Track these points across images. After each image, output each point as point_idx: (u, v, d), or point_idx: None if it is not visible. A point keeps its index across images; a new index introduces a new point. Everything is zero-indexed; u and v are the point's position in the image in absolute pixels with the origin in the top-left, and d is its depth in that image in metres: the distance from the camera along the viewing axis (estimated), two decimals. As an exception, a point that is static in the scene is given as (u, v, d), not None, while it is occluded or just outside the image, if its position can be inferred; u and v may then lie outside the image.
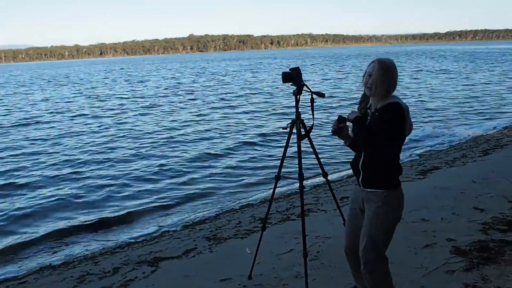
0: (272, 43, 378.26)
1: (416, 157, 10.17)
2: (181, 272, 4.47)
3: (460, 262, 3.97)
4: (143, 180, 9.63)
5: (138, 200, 8.35)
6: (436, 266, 3.93)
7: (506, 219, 4.94)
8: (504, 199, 5.64)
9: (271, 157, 11.18)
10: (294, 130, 3.56)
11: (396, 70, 2.83)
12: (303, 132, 3.54)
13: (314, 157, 3.79)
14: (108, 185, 9.33)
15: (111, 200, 8.48)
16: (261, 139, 13.48)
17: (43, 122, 18.73)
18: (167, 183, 9.28)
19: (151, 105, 23.15)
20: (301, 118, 3.54)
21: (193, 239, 5.61)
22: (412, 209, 5.36)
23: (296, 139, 3.56)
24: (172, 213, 7.62)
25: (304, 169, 3.60)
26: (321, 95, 3.41)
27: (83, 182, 9.66)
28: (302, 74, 3.48)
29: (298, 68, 3.47)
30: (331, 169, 9.02)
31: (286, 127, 3.60)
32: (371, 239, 2.86)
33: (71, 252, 6.24)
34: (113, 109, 22.27)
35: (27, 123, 18.75)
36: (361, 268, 2.94)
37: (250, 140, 13.30)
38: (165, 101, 24.87)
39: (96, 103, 25.70)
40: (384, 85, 2.77)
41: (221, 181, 9.30)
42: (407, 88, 25.67)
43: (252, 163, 10.75)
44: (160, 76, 50.90)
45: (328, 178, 3.92)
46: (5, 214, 7.91)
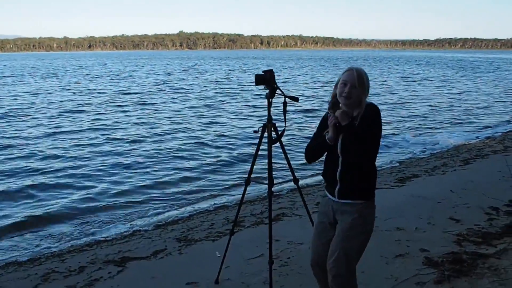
0: (262, 43, 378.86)
1: (396, 164, 10.11)
2: (148, 273, 4.37)
3: (432, 274, 3.89)
4: (117, 178, 9.40)
5: (111, 198, 8.14)
6: (407, 277, 3.85)
7: (481, 231, 4.88)
8: (481, 210, 5.59)
9: (247, 161, 10.88)
10: (266, 134, 3.45)
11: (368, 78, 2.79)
12: (274, 136, 3.44)
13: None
14: (82, 181, 9.11)
15: (81, 196, 8.23)
16: (241, 141, 13.21)
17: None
18: (142, 182, 9.06)
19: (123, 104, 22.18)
20: (273, 122, 3.44)
21: (164, 240, 5.50)
22: (387, 217, 5.30)
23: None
24: (145, 212, 7.44)
25: (281, 172, 3.50)
26: (294, 99, 3.31)
27: (55, 175, 9.46)
28: (276, 77, 3.37)
29: (272, 70, 3.37)
30: (308, 174, 8.71)
31: (258, 131, 3.50)
32: (344, 251, 2.74)
33: (38, 248, 6.06)
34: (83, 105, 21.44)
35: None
36: (329, 281, 2.81)
37: (228, 142, 13.08)
38: (137, 99, 24.10)
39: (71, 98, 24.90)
40: (364, 94, 2.73)
41: (196, 182, 9.14)
42: (392, 93, 25.79)
43: (228, 164, 10.57)
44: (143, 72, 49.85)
45: (306, 182, 3.83)
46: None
